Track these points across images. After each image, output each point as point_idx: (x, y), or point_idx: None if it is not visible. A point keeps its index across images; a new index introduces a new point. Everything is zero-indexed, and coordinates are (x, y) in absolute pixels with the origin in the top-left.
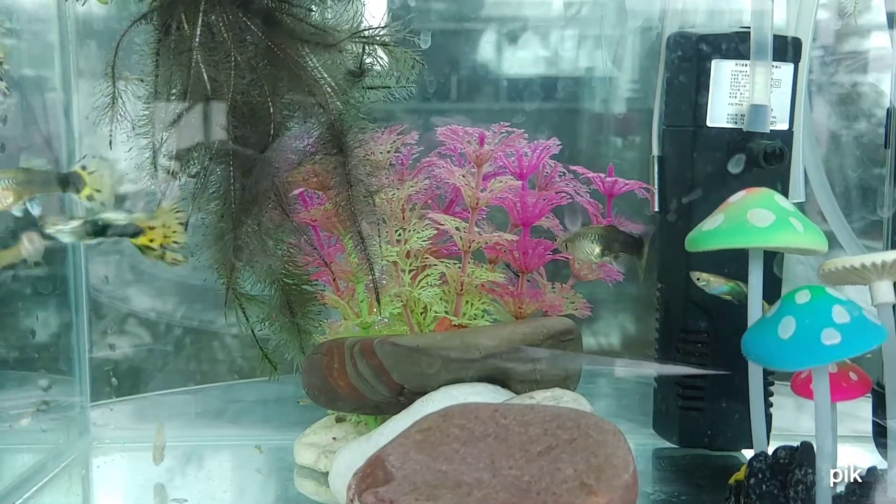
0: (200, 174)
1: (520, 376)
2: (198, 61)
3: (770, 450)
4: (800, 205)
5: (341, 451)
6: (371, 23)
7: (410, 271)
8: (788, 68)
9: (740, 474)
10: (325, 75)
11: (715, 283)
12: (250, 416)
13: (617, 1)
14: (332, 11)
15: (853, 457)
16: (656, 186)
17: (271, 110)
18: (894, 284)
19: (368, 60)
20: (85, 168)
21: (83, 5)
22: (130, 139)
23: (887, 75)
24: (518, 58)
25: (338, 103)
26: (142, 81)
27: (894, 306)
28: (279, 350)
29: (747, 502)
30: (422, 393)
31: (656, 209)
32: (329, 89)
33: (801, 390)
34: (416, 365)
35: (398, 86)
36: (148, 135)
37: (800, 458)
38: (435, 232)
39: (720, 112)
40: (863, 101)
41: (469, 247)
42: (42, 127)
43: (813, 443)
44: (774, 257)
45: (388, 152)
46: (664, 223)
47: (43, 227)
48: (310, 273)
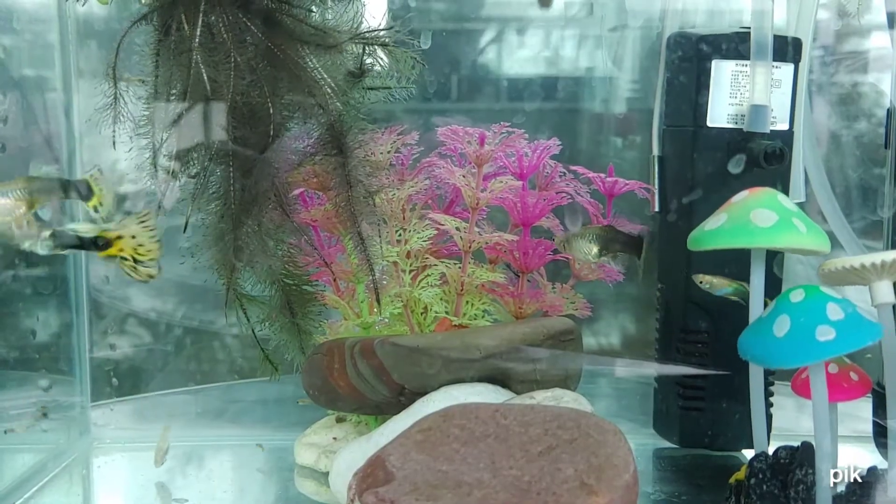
0: (200, 174)
1: (520, 376)
2: (198, 62)
3: (770, 450)
4: (800, 205)
5: (342, 452)
6: (371, 23)
7: (411, 271)
8: (789, 68)
9: (741, 474)
10: (325, 76)
11: (719, 285)
12: (251, 416)
13: (617, 1)
14: (333, 12)
15: (854, 457)
16: (656, 186)
17: (271, 111)
18: (894, 284)
19: (368, 61)
20: (95, 179)
21: (83, 5)
22: (131, 139)
23: (887, 75)
24: (518, 58)
25: (338, 104)
26: (143, 83)
27: (894, 306)
28: (279, 350)
29: (748, 502)
30: (422, 393)
31: (656, 209)
32: (329, 90)
33: (802, 390)
34: (417, 365)
35: (398, 86)
36: (148, 135)
37: (800, 458)
38: (435, 232)
39: (720, 112)
40: (863, 101)
41: (469, 247)
42: (42, 127)
43: (813, 443)
44: (775, 257)
45: (389, 153)
46: (664, 223)
47: (19, 243)
48: (310, 273)
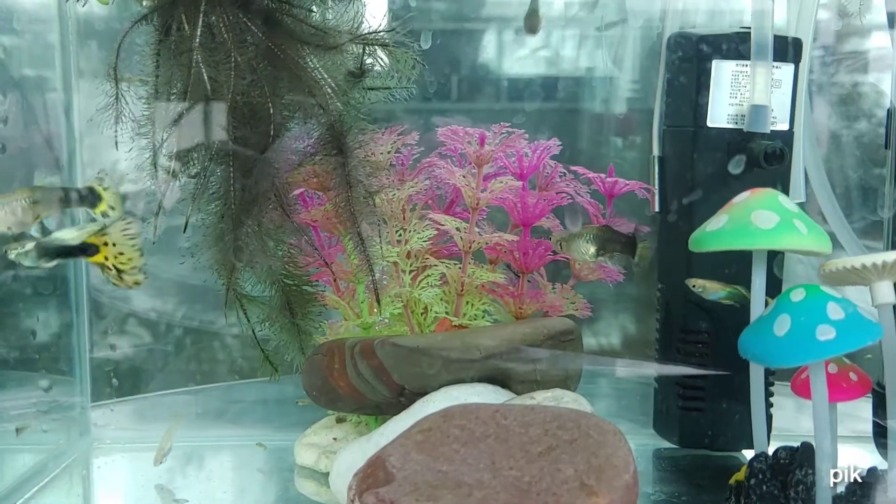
0: (200, 174)
1: (520, 377)
2: (198, 62)
3: (770, 450)
4: (800, 205)
5: (342, 452)
6: (372, 23)
7: (411, 272)
8: (789, 69)
9: (741, 475)
10: (326, 76)
11: (712, 289)
12: (251, 417)
13: (617, 1)
14: (333, 12)
15: (854, 457)
16: (657, 187)
17: (271, 111)
18: (895, 285)
19: (369, 61)
20: (101, 183)
21: (84, 6)
22: (132, 140)
23: (888, 75)
24: (518, 58)
25: (338, 104)
26: (143, 83)
27: (895, 307)
28: (279, 351)
29: (748, 503)
30: (422, 393)
31: (657, 210)
32: (329, 90)
33: (802, 391)
34: (417, 365)
35: (399, 86)
36: (148, 135)
37: (800, 459)
38: (435, 232)
39: (721, 112)
40: (863, 102)
41: (469, 247)
42: (42, 127)
43: (813, 443)
44: (775, 258)
45: (389, 153)
46: (664, 224)
47: (6, 254)
48: (310, 274)
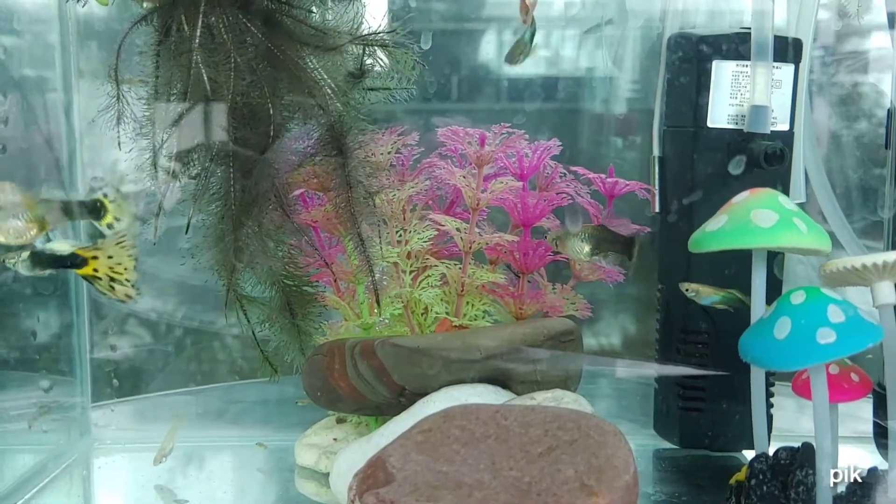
0: (201, 175)
1: (520, 377)
2: (198, 62)
3: (771, 450)
4: (801, 205)
5: (342, 452)
6: (371, 24)
7: (411, 272)
8: (789, 69)
9: (741, 475)
10: (325, 77)
11: (705, 293)
12: (251, 417)
13: (618, 1)
14: (333, 13)
15: (854, 457)
16: (657, 187)
17: (271, 111)
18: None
19: (369, 62)
20: (107, 196)
21: (84, 6)
22: (132, 140)
23: (888, 75)
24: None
25: (338, 105)
26: (143, 83)
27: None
28: (279, 351)
29: (748, 503)
30: (422, 394)
31: (657, 210)
32: (329, 91)
33: (802, 391)
34: (417, 366)
35: (399, 87)
36: (148, 136)
37: (801, 459)
38: (436, 233)
39: (721, 113)
40: (863, 102)
41: (470, 248)
42: (43, 128)
43: (813, 443)
44: (775, 258)
45: (389, 153)
46: (665, 224)
47: (4, 262)
48: (310, 274)
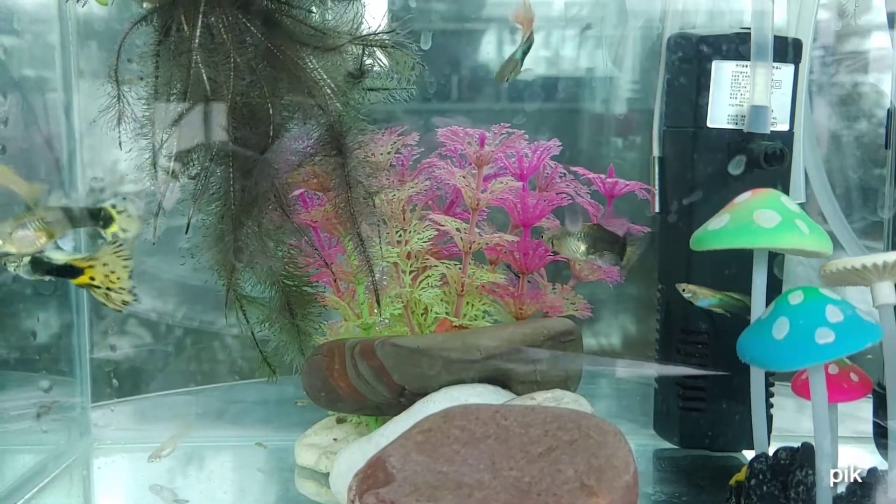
0: (200, 175)
1: (520, 377)
2: (197, 62)
3: (771, 451)
4: (801, 205)
5: (342, 452)
6: (371, 24)
7: (411, 272)
8: (789, 69)
9: (741, 475)
10: (325, 77)
11: (701, 296)
12: (251, 417)
13: (618, 1)
14: (333, 13)
15: (854, 457)
16: (657, 187)
17: (271, 112)
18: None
19: (368, 62)
20: (115, 206)
21: (83, 6)
22: (132, 140)
23: (888, 76)
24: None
25: (337, 105)
26: (141, 80)
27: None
28: (279, 352)
29: (748, 503)
30: (422, 394)
31: (657, 210)
32: (329, 91)
33: (802, 391)
34: (417, 366)
35: (398, 87)
36: (148, 135)
37: (800, 459)
38: (435, 233)
39: (721, 113)
40: (863, 102)
41: (470, 248)
42: (43, 128)
43: (813, 444)
44: (775, 258)
45: (389, 153)
46: (665, 224)
47: (6, 266)
48: (310, 274)
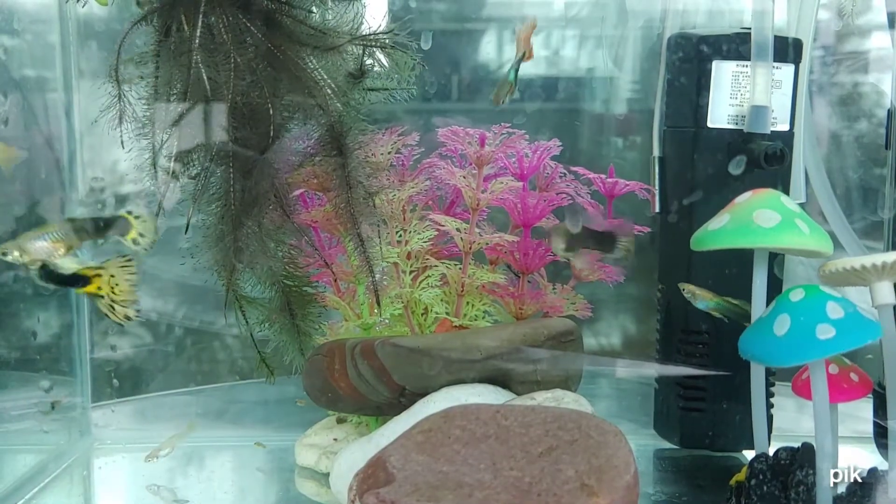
0: (201, 175)
1: (521, 377)
2: (198, 62)
3: (771, 451)
4: (801, 205)
5: (342, 452)
6: (372, 24)
7: (411, 272)
8: (789, 69)
9: (741, 475)
10: (325, 77)
11: (701, 297)
12: (251, 417)
13: (618, 1)
14: (333, 13)
15: (854, 457)
16: (657, 187)
17: (271, 112)
18: (895, 285)
19: (369, 62)
20: (131, 213)
21: (84, 6)
22: (132, 140)
23: (888, 76)
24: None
25: (338, 105)
26: (141, 79)
27: (895, 307)
28: (279, 352)
29: (748, 503)
30: (423, 394)
31: (657, 210)
32: (329, 91)
33: (802, 391)
34: (417, 366)
35: (399, 87)
36: (148, 136)
37: (801, 459)
38: (436, 233)
39: (721, 113)
40: (863, 102)
41: (470, 248)
42: (43, 128)
43: (814, 443)
44: (775, 258)
45: (389, 153)
46: (665, 224)
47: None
48: (310, 274)
